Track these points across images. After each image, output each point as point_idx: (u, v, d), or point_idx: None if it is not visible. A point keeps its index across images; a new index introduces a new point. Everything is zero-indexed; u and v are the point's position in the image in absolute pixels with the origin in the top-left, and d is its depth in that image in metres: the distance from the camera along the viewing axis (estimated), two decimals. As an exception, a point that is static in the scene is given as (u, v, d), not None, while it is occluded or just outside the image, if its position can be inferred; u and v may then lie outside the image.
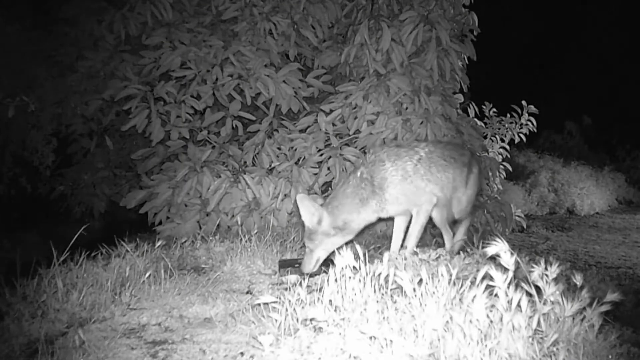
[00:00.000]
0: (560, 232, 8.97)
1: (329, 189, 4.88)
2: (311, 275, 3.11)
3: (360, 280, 2.04)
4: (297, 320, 2.09)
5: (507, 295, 1.76)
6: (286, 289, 2.76)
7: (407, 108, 4.77)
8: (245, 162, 4.72)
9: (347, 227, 3.17)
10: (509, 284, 1.78)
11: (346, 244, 3.18)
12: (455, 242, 3.60)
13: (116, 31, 4.98)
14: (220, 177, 4.47)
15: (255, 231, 3.80)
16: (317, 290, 2.23)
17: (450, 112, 4.95)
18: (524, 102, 7.84)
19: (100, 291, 2.68)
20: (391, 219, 3.46)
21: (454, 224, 3.70)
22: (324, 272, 3.16)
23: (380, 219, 3.37)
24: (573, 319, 1.91)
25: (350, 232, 3.22)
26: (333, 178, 4.63)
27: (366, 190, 3.19)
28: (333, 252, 3.11)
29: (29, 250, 3.28)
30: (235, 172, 4.60)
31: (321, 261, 3.17)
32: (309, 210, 3.07)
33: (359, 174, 3.25)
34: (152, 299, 2.72)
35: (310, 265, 3.11)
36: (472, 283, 1.88)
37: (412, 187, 3.22)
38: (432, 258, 2.72)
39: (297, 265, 3.27)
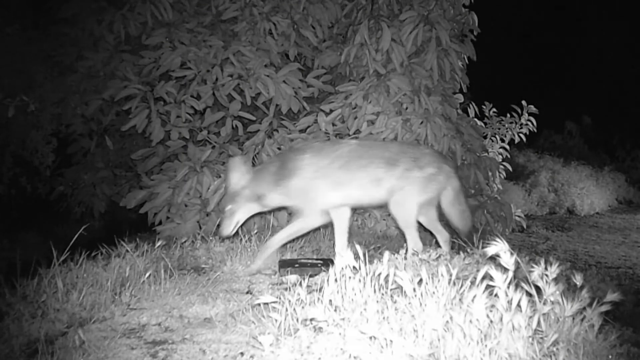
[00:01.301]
0: (560, 232, 8.97)
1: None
2: (311, 275, 3.11)
3: (360, 280, 2.04)
4: (297, 320, 2.09)
5: (507, 295, 1.76)
6: (286, 289, 2.76)
7: (407, 108, 4.77)
8: (245, 162, 4.72)
9: (262, 201, 3.23)
10: (509, 284, 1.78)
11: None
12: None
13: (116, 31, 4.97)
14: (220, 177, 4.46)
15: (255, 231, 3.80)
16: (317, 290, 2.23)
17: (450, 112, 4.95)
18: (524, 102, 7.84)
19: (100, 291, 2.68)
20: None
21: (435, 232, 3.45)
22: (324, 271, 3.16)
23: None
24: (573, 319, 1.91)
25: (266, 207, 3.29)
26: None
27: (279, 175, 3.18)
28: (333, 252, 3.11)
29: (29, 250, 3.28)
30: (235, 172, 4.59)
31: (240, 224, 3.23)
32: (241, 172, 3.14)
33: (284, 157, 3.28)
34: (152, 299, 2.72)
35: (229, 227, 3.18)
36: (472, 283, 1.88)
37: (313, 186, 3.12)
38: (432, 258, 2.72)
39: (297, 265, 3.27)
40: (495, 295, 1.79)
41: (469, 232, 3.46)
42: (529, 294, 1.83)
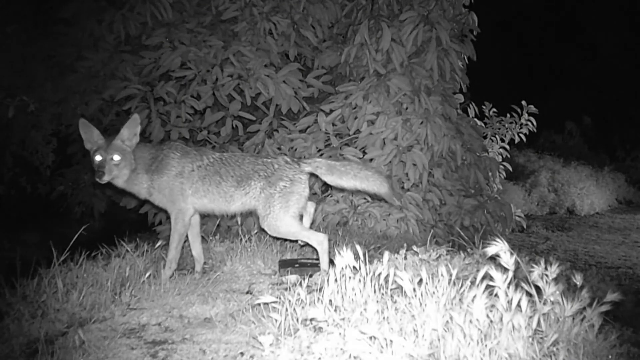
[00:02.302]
0: (560, 232, 8.98)
1: (329, 188, 4.88)
2: (311, 275, 3.11)
3: (360, 280, 2.04)
4: (297, 320, 2.09)
5: (507, 295, 1.76)
6: (286, 289, 2.76)
7: (407, 108, 4.77)
8: (245, 162, 4.72)
9: (133, 173, 3.16)
10: (509, 284, 1.78)
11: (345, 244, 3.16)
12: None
13: (116, 31, 4.97)
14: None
15: (255, 231, 3.80)
16: (317, 290, 2.23)
17: (450, 112, 4.96)
18: (523, 102, 7.86)
19: (100, 291, 2.68)
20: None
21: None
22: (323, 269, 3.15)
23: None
24: (573, 319, 1.91)
25: (129, 184, 3.19)
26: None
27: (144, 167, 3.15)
28: (333, 252, 3.08)
29: (29, 250, 3.28)
30: (235, 172, 4.59)
31: (112, 178, 3.11)
32: (134, 134, 3.12)
33: (160, 150, 3.21)
34: (152, 299, 2.72)
35: (110, 175, 3.07)
36: (472, 283, 1.88)
37: (175, 186, 3.12)
38: (432, 258, 2.72)
39: (297, 265, 3.27)
40: (495, 295, 1.79)
41: (390, 190, 3.25)
42: (529, 294, 1.83)
